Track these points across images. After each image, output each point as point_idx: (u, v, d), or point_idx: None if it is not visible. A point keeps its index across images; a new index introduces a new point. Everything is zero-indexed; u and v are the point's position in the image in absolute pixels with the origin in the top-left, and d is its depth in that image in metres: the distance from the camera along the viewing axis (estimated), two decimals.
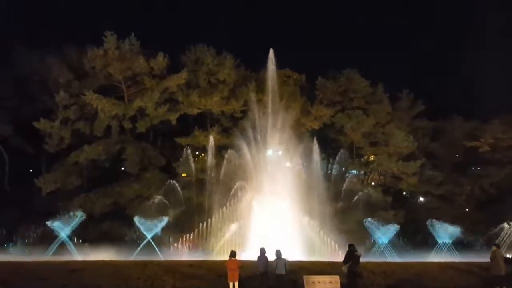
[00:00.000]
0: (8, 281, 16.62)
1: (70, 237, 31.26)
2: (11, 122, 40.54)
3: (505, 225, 35.47)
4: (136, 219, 31.09)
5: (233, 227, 29.43)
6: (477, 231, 42.17)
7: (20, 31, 57.54)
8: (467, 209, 47.21)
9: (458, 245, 36.42)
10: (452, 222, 36.29)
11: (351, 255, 16.01)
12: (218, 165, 38.60)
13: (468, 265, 22.25)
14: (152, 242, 31.04)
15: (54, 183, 38.30)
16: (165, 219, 31.35)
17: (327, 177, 45.34)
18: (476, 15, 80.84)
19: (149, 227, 30.68)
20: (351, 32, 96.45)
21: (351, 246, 16.51)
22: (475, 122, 48.28)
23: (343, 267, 15.76)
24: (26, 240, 37.55)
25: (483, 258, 21.15)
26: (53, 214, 34.85)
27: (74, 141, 40.86)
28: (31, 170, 43.82)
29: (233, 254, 17.34)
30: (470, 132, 47.76)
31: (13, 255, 30.32)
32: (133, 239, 35.84)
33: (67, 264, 19.31)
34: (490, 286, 18.70)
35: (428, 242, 38.91)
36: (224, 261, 17.82)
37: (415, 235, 42.41)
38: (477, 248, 39.50)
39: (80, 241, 34.85)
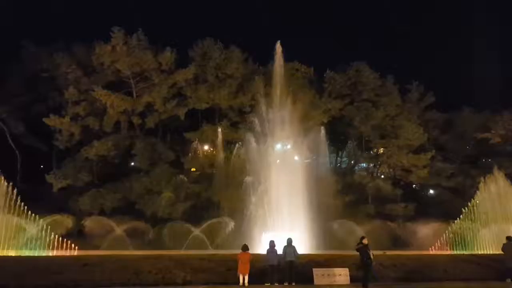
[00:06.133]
0: (25, 276, 16.96)
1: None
2: (23, 119, 41.00)
3: None
4: None
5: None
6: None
7: (27, 28, 58.12)
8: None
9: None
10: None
11: (365, 247, 16.21)
12: (226, 159, 38.62)
13: (479, 257, 22.12)
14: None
15: (64, 179, 38.68)
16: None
17: (336, 170, 45.13)
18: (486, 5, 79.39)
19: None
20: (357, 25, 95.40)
21: (363, 239, 16.63)
22: (486, 113, 47.67)
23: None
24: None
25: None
26: (65, 210, 35.26)
27: (84, 137, 41.31)
28: (42, 166, 44.35)
29: (245, 247, 17.51)
30: (481, 124, 47.26)
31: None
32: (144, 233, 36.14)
33: (79, 259, 19.55)
34: (502, 277, 18.76)
35: None
36: (235, 254, 17.93)
37: None
38: None
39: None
